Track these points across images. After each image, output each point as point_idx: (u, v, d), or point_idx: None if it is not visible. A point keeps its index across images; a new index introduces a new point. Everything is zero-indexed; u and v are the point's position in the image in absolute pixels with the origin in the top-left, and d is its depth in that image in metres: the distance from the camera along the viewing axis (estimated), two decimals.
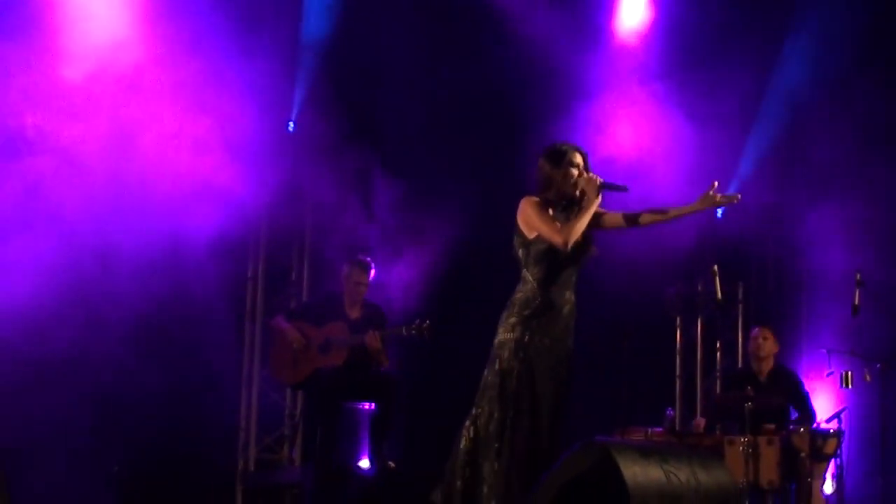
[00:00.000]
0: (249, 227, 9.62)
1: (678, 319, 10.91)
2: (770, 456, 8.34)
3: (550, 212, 6.17)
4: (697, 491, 5.18)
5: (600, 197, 6.14)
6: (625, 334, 8.59)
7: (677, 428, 9.25)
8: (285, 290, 10.03)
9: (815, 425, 8.71)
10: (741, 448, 8.30)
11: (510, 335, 6.12)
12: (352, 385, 8.55)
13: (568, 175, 6.19)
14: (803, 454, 8.38)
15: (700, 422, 9.13)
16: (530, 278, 6.17)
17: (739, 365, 10.62)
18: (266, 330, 9.46)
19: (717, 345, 11.08)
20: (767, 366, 9.10)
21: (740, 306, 10.99)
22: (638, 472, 5.10)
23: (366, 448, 8.57)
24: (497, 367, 6.13)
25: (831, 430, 8.54)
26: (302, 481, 8.55)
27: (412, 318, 8.54)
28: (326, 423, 8.51)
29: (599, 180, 6.15)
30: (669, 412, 9.12)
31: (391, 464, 8.41)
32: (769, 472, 8.33)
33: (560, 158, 6.21)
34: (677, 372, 10.92)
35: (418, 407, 9.45)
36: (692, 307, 10.73)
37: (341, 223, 9.76)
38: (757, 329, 9.24)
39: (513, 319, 6.14)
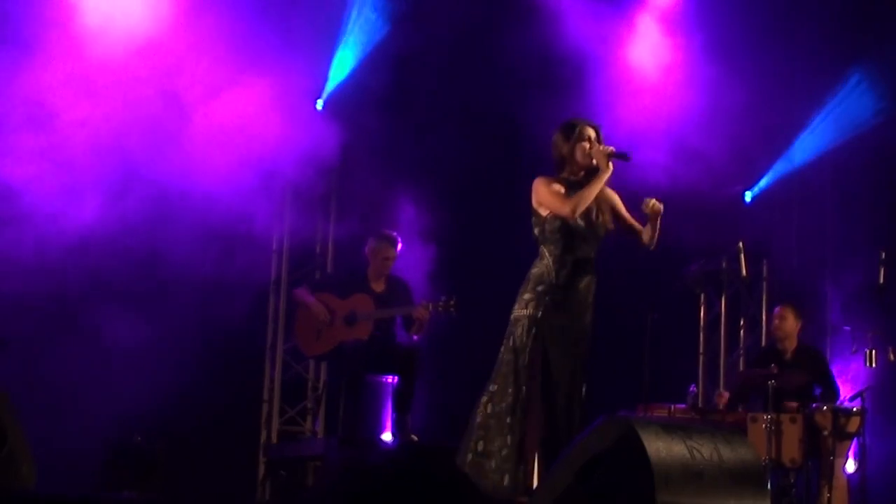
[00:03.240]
0: (274, 199, 9.62)
1: (702, 296, 10.89)
2: (793, 434, 8.34)
3: (562, 189, 6.20)
4: (720, 467, 5.17)
5: (611, 167, 6.18)
6: (648, 310, 8.57)
7: (700, 405, 9.24)
8: (310, 262, 10.05)
9: (838, 403, 8.70)
10: (764, 425, 8.29)
11: (524, 311, 6.15)
12: (376, 358, 8.54)
13: (580, 149, 6.24)
14: (826, 432, 8.37)
15: (724, 395, 9.11)
16: (546, 255, 6.19)
17: (763, 342, 10.60)
18: (290, 302, 9.47)
19: (742, 322, 11.07)
20: (791, 344, 9.07)
21: (765, 283, 10.96)
22: (661, 447, 5.09)
23: (389, 421, 8.53)
24: (511, 343, 6.19)
25: (854, 409, 8.53)
26: (325, 454, 8.53)
27: (436, 293, 8.56)
28: (350, 395, 8.53)
29: (609, 150, 6.19)
30: (692, 389, 9.11)
31: (414, 437, 8.43)
32: (791, 449, 8.33)
33: (570, 132, 6.28)
34: (700, 349, 10.91)
35: (442, 380, 9.37)
36: (716, 284, 10.71)
37: (366, 196, 9.74)
38: (778, 308, 9.22)
39: (527, 295, 6.17)
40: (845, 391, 9.05)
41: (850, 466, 8.68)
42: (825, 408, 8.47)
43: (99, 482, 7.99)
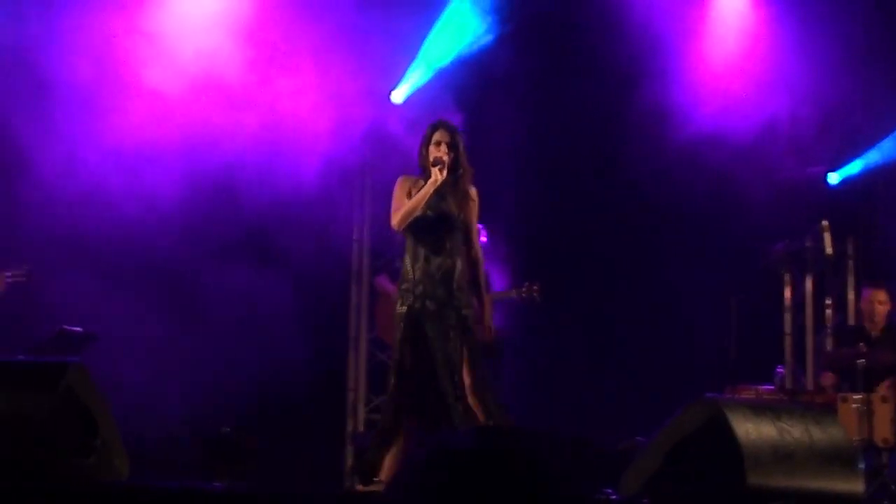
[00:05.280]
0: (355, 189, 9.65)
1: (787, 276, 10.73)
2: (884, 413, 8.21)
3: (408, 192, 6.38)
4: (812, 448, 5.09)
5: (436, 174, 6.30)
6: (732, 292, 8.47)
7: (788, 386, 9.12)
8: (390, 251, 10.05)
9: None
10: (855, 405, 8.16)
11: (397, 310, 6.40)
12: None
13: (426, 153, 6.41)
14: None
15: (829, 375, 8.94)
16: (405, 250, 6.47)
17: (850, 321, 10.42)
18: (372, 291, 9.49)
19: (828, 301, 10.89)
20: (880, 322, 8.92)
21: (850, 262, 10.77)
22: (750, 429, 5.03)
23: None
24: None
25: None
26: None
27: (518, 280, 8.52)
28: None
29: (434, 156, 6.32)
30: (779, 370, 9.00)
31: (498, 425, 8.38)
32: (884, 429, 8.20)
33: (424, 137, 6.45)
34: (786, 329, 10.75)
35: (524, 369, 9.41)
36: (801, 263, 10.55)
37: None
38: (870, 291, 9.03)
39: (398, 293, 6.45)
40: None
41: None
42: None
43: (189, 473, 8.09)
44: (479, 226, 8.65)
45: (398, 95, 9.72)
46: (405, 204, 6.37)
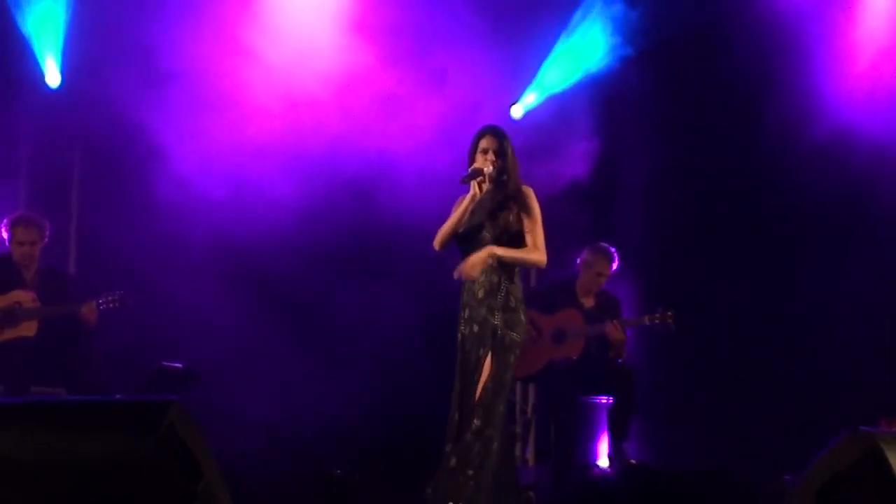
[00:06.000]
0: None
1: None
2: None
3: (457, 208, 6.17)
4: None
5: (474, 187, 6.08)
6: (886, 316, 7.94)
7: None
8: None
9: None
10: None
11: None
12: (588, 378, 8.21)
13: (477, 161, 6.17)
14: None
15: None
16: None
17: None
18: None
19: None
20: None
21: None
22: None
23: (605, 446, 8.25)
24: None
25: None
26: (537, 482, 8.17)
27: (650, 307, 8.19)
28: (561, 418, 8.25)
29: (473, 168, 6.10)
30: None
31: (633, 462, 8.06)
32: None
33: (471, 145, 6.21)
34: None
35: (660, 400, 8.99)
36: None
37: (564, 209, 9.22)
38: None
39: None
40: None
41: None
42: None
43: None
44: (613, 251, 8.30)
45: (517, 111, 9.49)
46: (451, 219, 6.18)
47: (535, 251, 6.14)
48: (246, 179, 8.69)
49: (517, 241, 6.13)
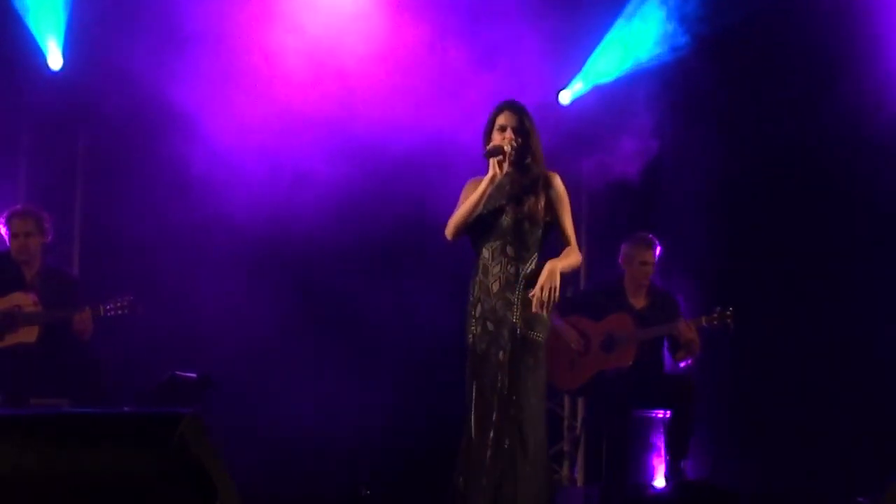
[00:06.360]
0: None
1: None
2: None
3: (468, 194, 5.69)
4: None
5: (494, 167, 5.62)
6: None
7: None
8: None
9: None
10: None
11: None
12: (642, 389, 7.76)
13: (489, 141, 5.76)
14: None
15: None
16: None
17: None
18: None
19: None
20: None
21: None
22: None
23: (661, 464, 7.80)
24: None
25: None
26: None
27: (708, 307, 7.72)
28: (613, 434, 7.75)
29: (492, 146, 5.68)
30: None
31: (692, 481, 7.57)
32: None
33: (487, 122, 5.77)
34: None
35: (715, 413, 8.51)
36: None
37: (616, 206, 9.07)
38: None
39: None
40: None
41: None
42: None
43: None
44: (651, 236, 7.83)
45: (566, 97, 9.16)
46: (462, 208, 5.68)
47: (576, 251, 5.72)
48: (279, 162, 8.48)
49: (535, 230, 5.66)
